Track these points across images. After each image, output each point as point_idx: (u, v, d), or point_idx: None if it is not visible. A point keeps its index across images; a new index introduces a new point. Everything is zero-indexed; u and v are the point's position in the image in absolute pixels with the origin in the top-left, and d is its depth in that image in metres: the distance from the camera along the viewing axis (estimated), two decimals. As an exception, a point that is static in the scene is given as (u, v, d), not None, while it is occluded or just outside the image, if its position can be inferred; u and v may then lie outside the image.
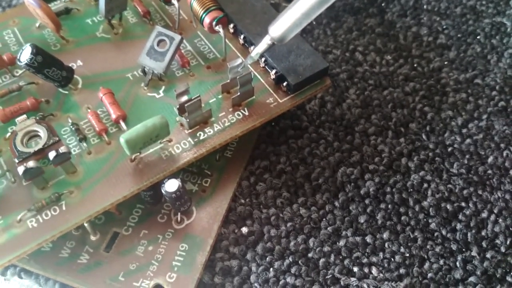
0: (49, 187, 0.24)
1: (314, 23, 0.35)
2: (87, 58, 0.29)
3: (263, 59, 0.28)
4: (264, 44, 0.25)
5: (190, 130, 0.26)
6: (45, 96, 0.27)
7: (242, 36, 0.29)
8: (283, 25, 0.24)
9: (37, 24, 0.30)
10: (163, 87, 0.27)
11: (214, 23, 0.27)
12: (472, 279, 0.25)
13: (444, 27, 0.35)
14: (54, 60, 0.26)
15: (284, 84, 0.27)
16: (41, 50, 0.25)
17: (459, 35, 0.35)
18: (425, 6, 0.37)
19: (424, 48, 0.34)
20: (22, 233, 0.22)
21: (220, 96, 0.27)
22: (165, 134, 0.24)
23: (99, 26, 0.30)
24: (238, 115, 0.26)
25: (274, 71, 0.27)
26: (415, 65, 0.33)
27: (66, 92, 0.27)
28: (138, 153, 0.24)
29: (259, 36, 0.27)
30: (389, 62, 0.33)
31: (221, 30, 0.28)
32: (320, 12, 0.24)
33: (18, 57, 0.25)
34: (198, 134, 0.26)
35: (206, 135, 0.26)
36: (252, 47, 0.28)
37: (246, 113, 0.26)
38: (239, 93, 0.26)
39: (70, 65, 0.28)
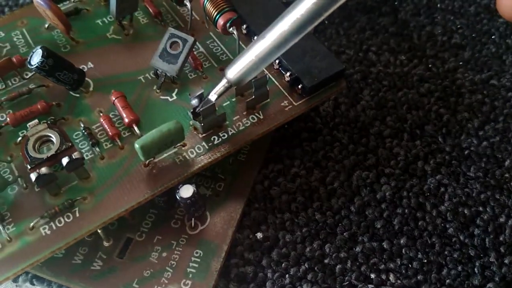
0: (62, 193, 0.23)
1: (326, 22, 0.35)
2: (98, 60, 0.28)
3: (277, 61, 0.27)
4: (221, 86, 0.24)
5: (204, 134, 0.25)
6: (56, 99, 0.26)
7: (255, 37, 0.28)
8: (239, 68, 0.23)
9: (46, 25, 0.29)
10: (176, 90, 0.27)
11: (228, 24, 0.27)
12: (490, 285, 0.24)
13: (459, 26, 0.35)
14: (65, 63, 0.25)
15: (299, 86, 0.26)
16: (52, 53, 0.25)
17: (473, 35, 0.34)
18: (439, 5, 0.36)
19: (438, 48, 0.34)
20: (35, 241, 0.22)
21: (234, 99, 0.27)
22: (180, 139, 0.24)
23: (110, 27, 0.29)
24: (253, 118, 0.26)
25: (288, 73, 0.27)
26: (429, 65, 0.33)
27: (78, 95, 0.27)
28: (152, 158, 0.24)
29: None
30: (403, 62, 0.33)
31: (235, 32, 0.27)
32: (276, 57, 0.23)
33: (28, 60, 0.25)
34: (212, 139, 0.25)
35: (220, 139, 0.25)
36: None
37: (261, 117, 0.26)
38: (253, 96, 0.26)
39: (81, 67, 0.27)
